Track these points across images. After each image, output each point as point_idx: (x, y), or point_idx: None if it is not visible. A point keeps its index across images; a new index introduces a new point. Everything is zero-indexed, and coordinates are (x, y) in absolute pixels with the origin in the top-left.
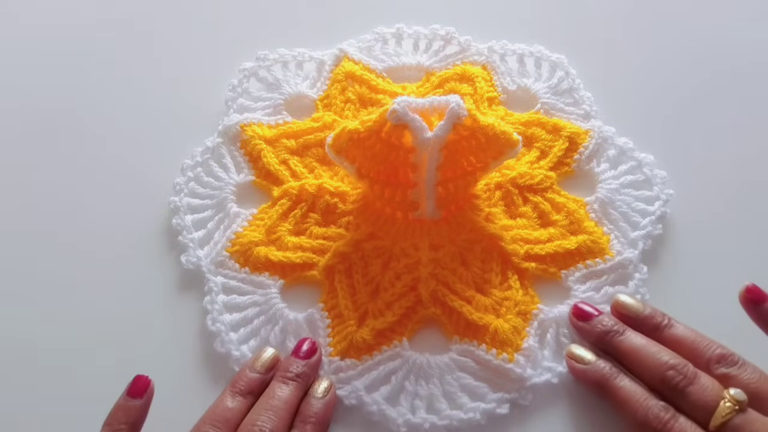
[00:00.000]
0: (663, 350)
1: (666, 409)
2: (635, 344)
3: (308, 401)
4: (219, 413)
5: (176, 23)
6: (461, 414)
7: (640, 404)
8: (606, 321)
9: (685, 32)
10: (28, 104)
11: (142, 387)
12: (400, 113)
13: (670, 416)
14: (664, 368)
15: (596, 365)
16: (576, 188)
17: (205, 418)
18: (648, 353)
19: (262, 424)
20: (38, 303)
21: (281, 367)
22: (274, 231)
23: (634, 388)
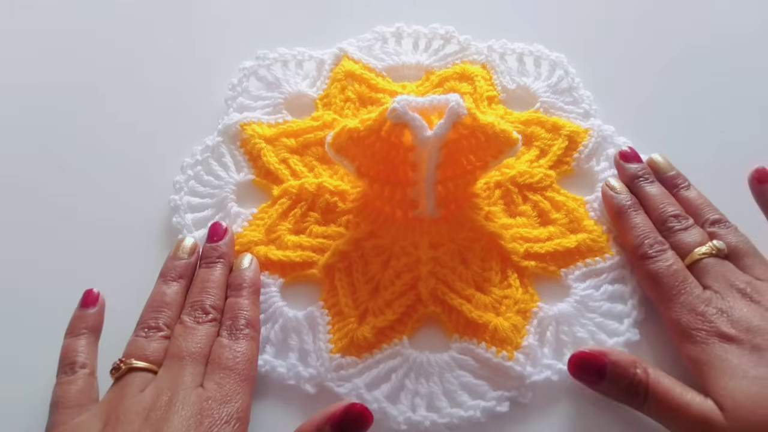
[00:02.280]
0: (674, 204)
1: (661, 243)
2: (655, 191)
3: (237, 273)
4: (159, 300)
5: (176, 22)
6: (461, 412)
7: (643, 232)
8: (642, 168)
9: (685, 32)
10: (28, 103)
11: (93, 298)
12: (400, 112)
13: (662, 248)
14: (669, 214)
15: (623, 196)
16: (575, 187)
17: (147, 308)
18: (661, 201)
19: (203, 301)
20: (39, 301)
21: (203, 255)
22: (273, 230)
23: (645, 221)
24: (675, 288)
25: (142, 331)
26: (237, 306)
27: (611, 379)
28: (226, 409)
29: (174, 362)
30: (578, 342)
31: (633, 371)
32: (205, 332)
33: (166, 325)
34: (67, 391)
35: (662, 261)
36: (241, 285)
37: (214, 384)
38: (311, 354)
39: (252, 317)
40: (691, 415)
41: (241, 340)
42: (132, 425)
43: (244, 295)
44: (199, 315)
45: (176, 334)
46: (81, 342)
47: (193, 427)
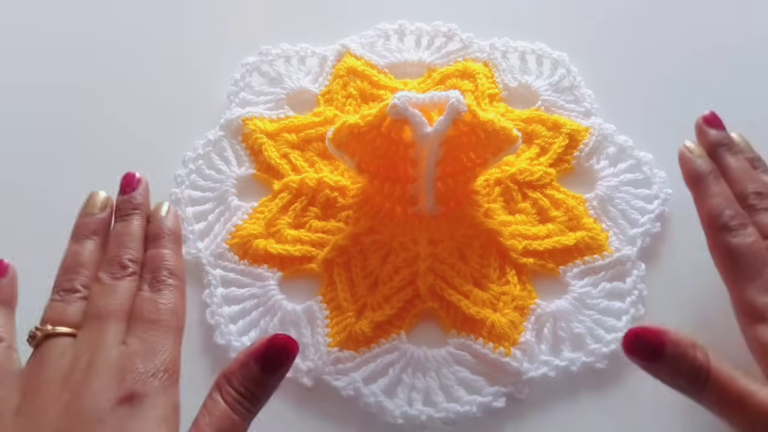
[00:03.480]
0: (757, 180)
1: (743, 215)
2: (739, 164)
3: (155, 223)
4: (73, 260)
5: (180, 18)
6: (458, 407)
7: (723, 201)
8: (726, 136)
9: (687, 31)
10: (28, 98)
11: (2, 268)
12: (400, 108)
13: (744, 221)
14: (751, 190)
15: (703, 161)
16: (575, 185)
17: (60, 270)
18: (746, 175)
19: (122, 256)
20: (37, 293)
21: (118, 207)
22: (273, 224)
23: (726, 190)
24: (755, 267)
25: (58, 294)
26: (158, 256)
27: (670, 359)
28: (151, 363)
29: (93, 322)
30: (576, 339)
31: (694, 353)
32: (125, 287)
33: (83, 285)
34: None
35: (743, 236)
36: (159, 234)
37: (136, 339)
38: (309, 347)
39: (174, 267)
40: (756, 404)
41: (164, 291)
42: (50, 393)
43: (165, 245)
44: (116, 271)
45: (94, 293)
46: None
47: (114, 385)
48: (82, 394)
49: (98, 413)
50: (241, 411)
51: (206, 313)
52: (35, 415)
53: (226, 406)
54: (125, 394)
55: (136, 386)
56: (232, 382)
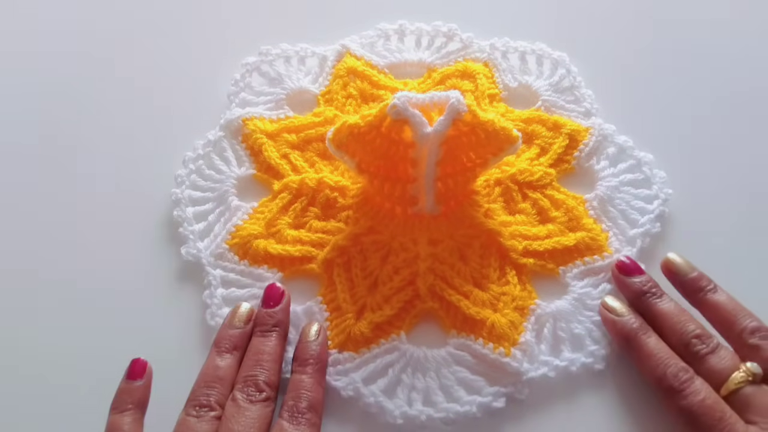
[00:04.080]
0: (692, 321)
1: (686, 370)
2: (669, 309)
3: (304, 345)
4: (212, 374)
5: (180, 18)
6: (457, 407)
7: (662, 361)
8: (647, 282)
9: (686, 31)
10: (28, 97)
11: (140, 368)
12: (400, 108)
13: (688, 377)
14: (690, 335)
15: (628, 319)
16: (575, 185)
17: (199, 382)
18: (678, 320)
19: (257, 377)
20: (39, 293)
21: (258, 321)
22: (273, 224)
23: (660, 345)
24: (714, 428)
25: (193, 409)
26: (301, 385)
27: None
28: None
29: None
30: (575, 339)
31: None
32: (258, 413)
33: (218, 403)
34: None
35: (692, 395)
36: (307, 360)
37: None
38: None
39: (315, 400)
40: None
41: (303, 425)
42: None
43: (309, 372)
44: (252, 392)
45: (227, 414)
46: (125, 419)
47: None
48: None
49: None
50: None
51: (206, 314)
52: None
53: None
54: None
55: None
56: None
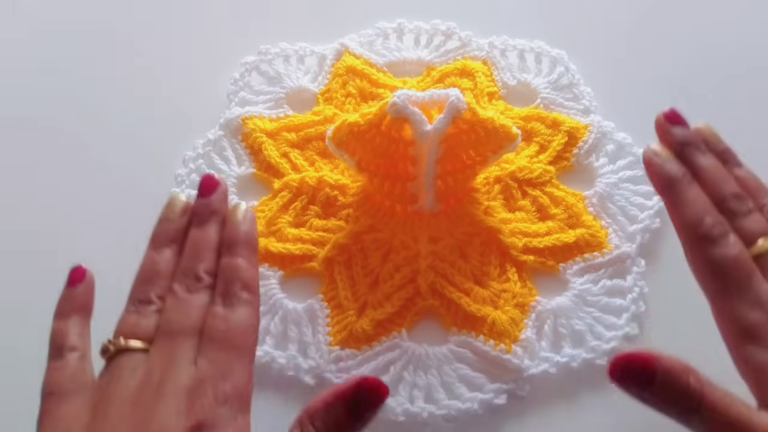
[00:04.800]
0: (733, 181)
1: (723, 223)
2: (711, 164)
3: (230, 228)
4: (149, 269)
5: (179, 17)
6: (459, 404)
7: (702, 209)
8: (693, 135)
9: (686, 28)
10: (28, 98)
11: (80, 275)
12: (400, 106)
13: (725, 229)
14: (729, 193)
15: (673, 164)
16: (575, 182)
17: (138, 279)
18: (721, 177)
19: (195, 267)
20: (38, 295)
21: (194, 211)
22: (274, 223)
23: (701, 195)
24: (742, 281)
25: (133, 305)
26: (231, 267)
27: (662, 386)
28: (221, 389)
29: (164, 340)
30: (576, 336)
31: (687, 379)
32: (198, 302)
33: (158, 297)
34: (56, 377)
35: (726, 247)
36: (235, 242)
37: (206, 361)
38: (311, 346)
39: (248, 278)
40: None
41: (236, 307)
42: (120, 412)
43: (239, 253)
44: (191, 283)
45: (168, 306)
46: (70, 323)
47: (183, 412)
48: (151, 417)
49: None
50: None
51: None
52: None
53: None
54: (194, 423)
55: (206, 415)
56: (315, 423)
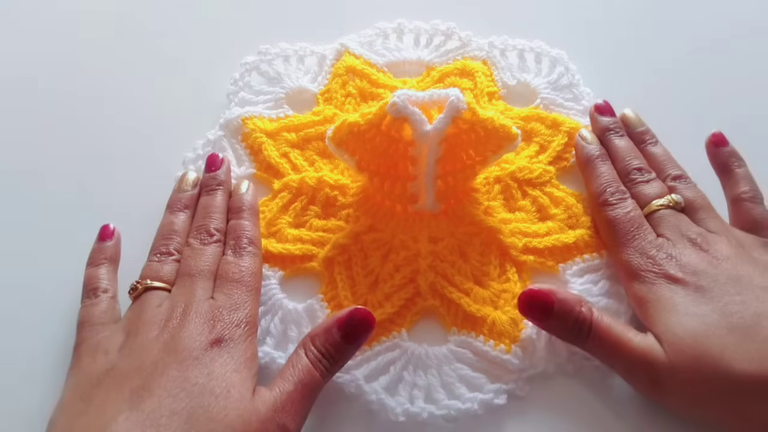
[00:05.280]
0: (639, 157)
1: (623, 192)
2: (623, 145)
3: (236, 198)
4: (168, 228)
5: (179, 17)
6: (459, 404)
7: (606, 181)
8: (613, 121)
9: (685, 28)
10: (27, 99)
11: (109, 232)
12: (399, 106)
13: (622, 196)
14: (632, 166)
15: (593, 147)
16: (574, 182)
17: (158, 237)
18: (627, 154)
19: (207, 224)
20: (37, 300)
21: (203, 184)
22: (274, 223)
23: (610, 171)
24: (630, 233)
25: (155, 256)
26: (239, 227)
27: (558, 316)
28: (236, 315)
29: (185, 280)
30: None
31: (578, 309)
32: (212, 252)
33: (176, 250)
34: (91, 312)
35: (621, 208)
36: (240, 208)
37: (223, 295)
38: None
39: (253, 236)
40: (632, 350)
41: (245, 257)
42: (151, 333)
43: (245, 216)
44: (204, 237)
45: (185, 255)
46: (101, 270)
47: (206, 330)
48: (179, 335)
49: (193, 351)
50: (321, 368)
51: None
52: (138, 350)
53: (308, 362)
54: (216, 337)
55: (225, 332)
56: (315, 343)
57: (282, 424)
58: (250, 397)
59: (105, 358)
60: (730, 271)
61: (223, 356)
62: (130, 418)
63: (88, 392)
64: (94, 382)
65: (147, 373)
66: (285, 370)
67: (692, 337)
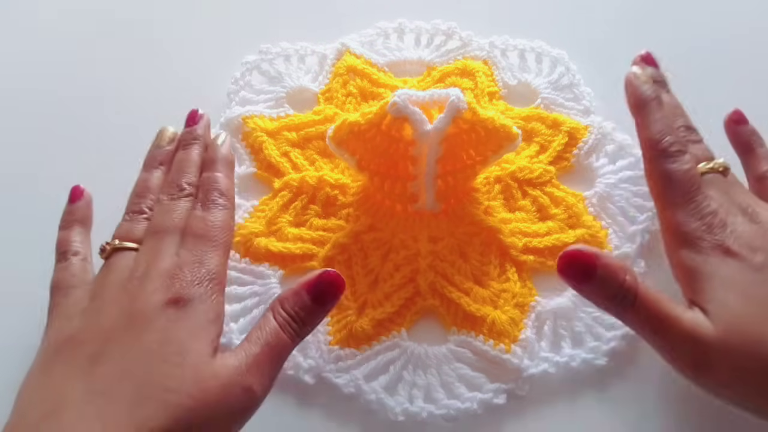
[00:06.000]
0: (687, 117)
1: (683, 143)
2: (673, 100)
3: (210, 150)
4: (142, 185)
5: (179, 16)
6: (458, 403)
7: (666, 128)
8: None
9: (685, 28)
10: (26, 101)
11: (78, 192)
12: (400, 106)
13: (683, 148)
14: (681, 123)
15: (649, 87)
16: (575, 183)
17: (132, 195)
18: (676, 110)
19: (179, 179)
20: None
21: (180, 139)
22: (274, 222)
23: (667, 117)
24: (689, 193)
25: (128, 215)
26: (210, 179)
27: (601, 280)
28: (197, 272)
29: (152, 237)
30: (576, 336)
31: (623, 276)
32: (181, 207)
33: (148, 208)
34: (62, 276)
35: (681, 162)
36: (213, 159)
37: (186, 251)
38: (310, 345)
39: (225, 188)
40: (681, 325)
41: (213, 210)
42: (111, 296)
43: (217, 168)
44: (174, 192)
45: (155, 212)
46: (72, 233)
47: (162, 291)
48: (136, 297)
49: (149, 313)
50: (289, 331)
51: None
52: (97, 313)
53: (276, 325)
54: (173, 296)
55: (183, 291)
56: (284, 306)
57: (247, 386)
58: (208, 362)
59: (68, 324)
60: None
61: (181, 318)
62: (82, 389)
63: (48, 362)
64: (55, 349)
65: (103, 338)
66: (252, 333)
67: (751, 319)
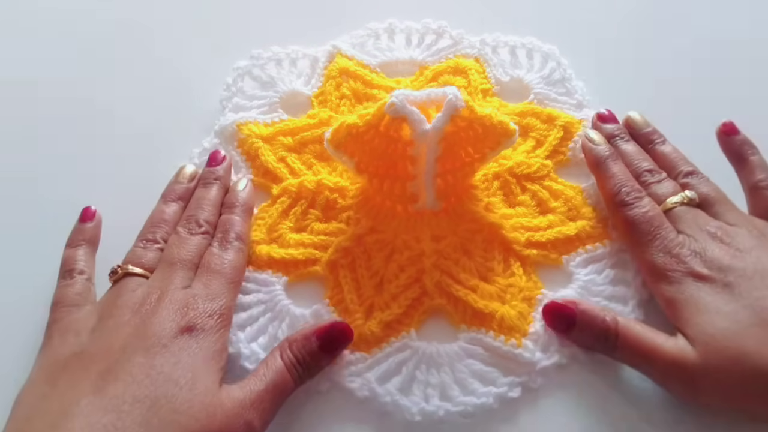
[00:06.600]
0: (648, 159)
1: (639, 190)
2: (631, 149)
3: (231, 194)
4: (158, 217)
5: (169, 23)
6: (474, 399)
7: (621, 181)
8: (618, 128)
9: (677, 20)
10: (22, 107)
11: (90, 214)
12: (398, 106)
13: (639, 195)
14: (642, 168)
15: (603, 147)
16: (572, 175)
17: (147, 224)
18: (637, 157)
19: (198, 216)
20: (35, 315)
21: (201, 177)
22: (275, 229)
23: (623, 170)
24: (651, 233)
25: (141, 242)
26: (229, 221)
27: (581, 326)
28: (210, 305)
29: (166, 267)
30: None
31: (602, 318)
32: (197, 242)
33: (162, 239)
34: (65, 293)
35: (639, 207)
36: (234, 203)
37: (200, 284)
38: None
39: (242, 232)
40: (663, 355)
41: (230, 250)
42: (123, 317)
43: (236, 212)
44: (192, 227)
45: (170, 243)
46: (79, 252)
47: (177, 318)
48: (150, 321)
49: (162, 338)
50: (294, 374)
51: None
52: (108, 333)
53: (282, 365)
54: (186, 325)
55: (196, 321)
56: (292, 348)
57: (248, 420)
58: (216, 390)
59: (75, 340)
60: (756, 263)
61: (192, 346)
62: (92, 402)
63: (54, 374)
64: (62, 363)
65: (114, 357)
66: (259, 369)
67: (725, 336)
